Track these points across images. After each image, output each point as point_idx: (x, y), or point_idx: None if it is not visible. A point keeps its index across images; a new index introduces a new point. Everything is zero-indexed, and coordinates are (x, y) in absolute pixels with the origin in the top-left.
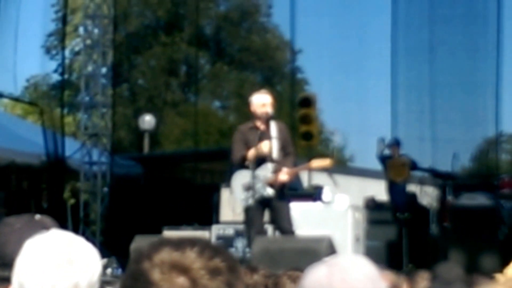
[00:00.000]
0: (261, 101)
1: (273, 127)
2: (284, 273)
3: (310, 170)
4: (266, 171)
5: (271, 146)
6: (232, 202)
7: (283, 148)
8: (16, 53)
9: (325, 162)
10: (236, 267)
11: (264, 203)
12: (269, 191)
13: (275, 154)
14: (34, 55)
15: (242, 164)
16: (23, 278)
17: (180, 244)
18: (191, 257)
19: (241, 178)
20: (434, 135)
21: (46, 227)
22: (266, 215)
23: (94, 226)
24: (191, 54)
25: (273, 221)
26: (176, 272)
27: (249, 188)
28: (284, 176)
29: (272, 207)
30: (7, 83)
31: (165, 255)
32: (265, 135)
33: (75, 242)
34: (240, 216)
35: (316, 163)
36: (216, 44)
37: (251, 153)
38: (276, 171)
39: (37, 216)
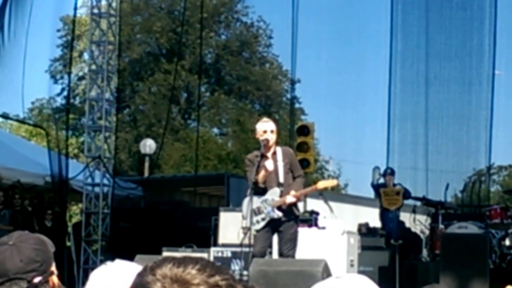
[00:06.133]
0: (263, 129)
1: (279, 152)
2: None
3: (317, 191)
4: (274, 195)
5: (276, 166)
6: (240, 226)
7: (290, 172)
8: (24, 77)
9: (332, 182)
10: (236, 285)
11: (273, 226)
12: (279, 214)
13: (281, 178)
14: (39, 78)
15: (256, 188)
16: None
17: (182, 261)
18: (192, 273)
19: (250, 203)
20: (427, 165)
21: (39, 239)
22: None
23: (95, 245)
24: (192, 82)
25: (278, 243)
26: (177, 286)
27: (259, 212)
28: (290, 198)
29: (279, 233)
30: (12, 105)
31: (167, 270)
32: (264, 162)
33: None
34: (236, 237)
35: (323, 184)
36: (216, 72)
37: (261, 176)
38: (283, 194)
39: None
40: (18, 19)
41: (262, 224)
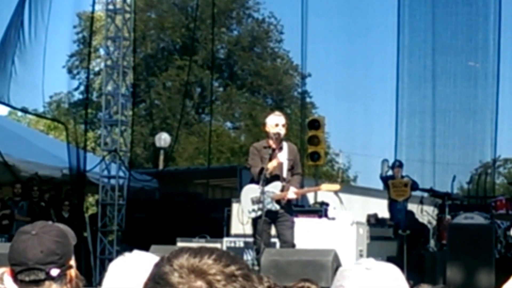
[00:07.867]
0: (275, 122)
1: (285, 147)
2: (293, 285)
3: (319, 191)
4: (275, 188)
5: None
6: (241, 213)
7: (292, 168)
8: (44, 73)
9: (335, 187)
10: (251, 275)
11: (270, 217)
12: (277, 206)
13: (284, 173)
14: (57, 73)
15: (259, 177)
16: None
17: (198, 251)
18: (208, 263)
19: (250, 191)
20: (434, 158)
21: (61, 231)
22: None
23: (111, 235)
24: (205, 77)
25: (277, 234)
26: (194, 276)
27: (258, 201)
28: (292, 194)
29: (277, 222)
30: (32, 99)
31: (184, 260)
32: (276, 154)
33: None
34: (248, 228)
35: (326, 187)
36: (228, 68)
37: (270, 166)
38: (284, 189)
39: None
40: (38, 16)
41: (259, 213)
